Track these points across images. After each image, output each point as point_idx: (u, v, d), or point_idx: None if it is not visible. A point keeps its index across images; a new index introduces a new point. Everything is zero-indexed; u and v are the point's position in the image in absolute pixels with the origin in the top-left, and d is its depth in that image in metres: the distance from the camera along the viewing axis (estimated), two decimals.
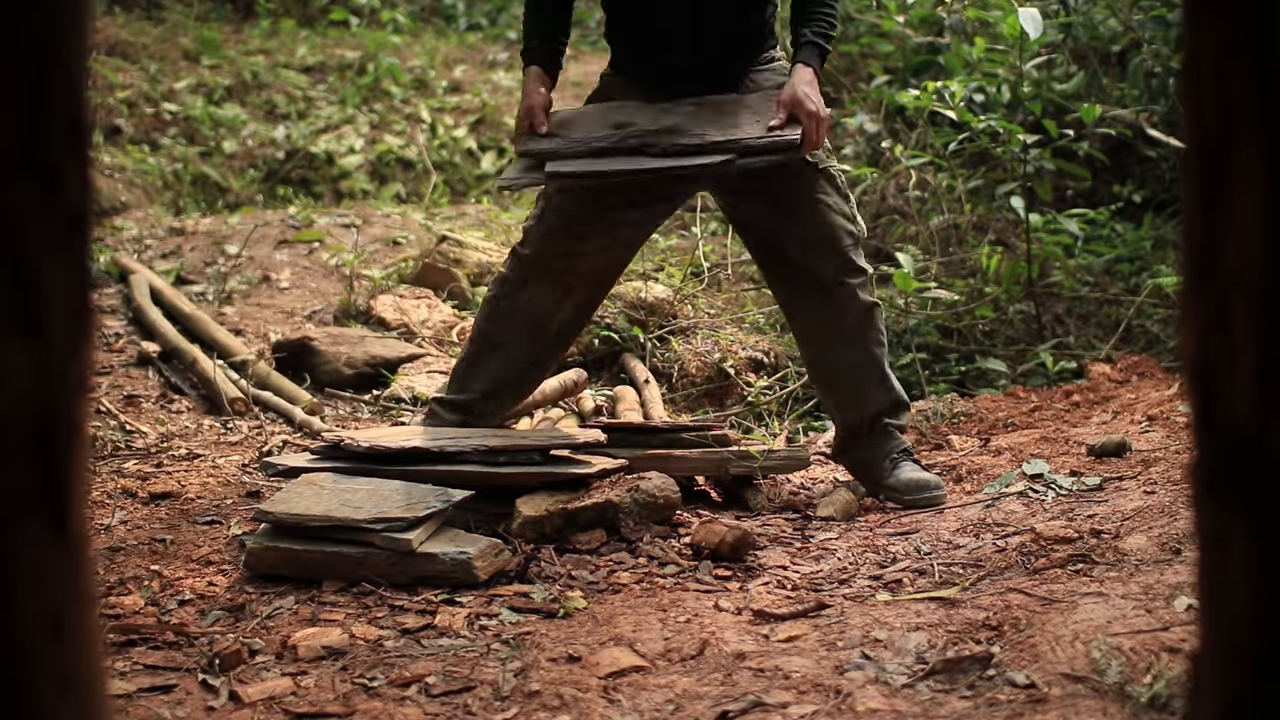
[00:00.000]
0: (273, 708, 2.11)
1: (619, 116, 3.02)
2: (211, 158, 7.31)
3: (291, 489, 2.80)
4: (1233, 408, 1.09)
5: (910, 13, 5.40)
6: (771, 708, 2.03)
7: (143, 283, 4.86)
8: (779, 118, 2.96)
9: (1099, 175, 5.90)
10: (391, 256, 5.45)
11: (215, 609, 2.54)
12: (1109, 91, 5.68)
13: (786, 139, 2.92)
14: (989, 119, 4.79)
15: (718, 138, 2.90)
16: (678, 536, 2.90)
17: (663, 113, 3.02)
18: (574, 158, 2.92)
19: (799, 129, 2.95)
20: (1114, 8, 5.55)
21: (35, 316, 1.02)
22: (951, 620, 2.35)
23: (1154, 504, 2.94)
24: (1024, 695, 2.01)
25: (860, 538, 2.98)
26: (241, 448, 3.67)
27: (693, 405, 4.31)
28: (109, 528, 2.95)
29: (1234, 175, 1.08)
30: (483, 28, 9.37)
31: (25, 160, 1.01)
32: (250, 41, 8.53)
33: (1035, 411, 4.09)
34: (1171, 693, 1.91)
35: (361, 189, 7.22)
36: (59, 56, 1.03)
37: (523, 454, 2.96)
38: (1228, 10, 1.08)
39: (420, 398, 4.13)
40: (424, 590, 2.61)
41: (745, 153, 2.90)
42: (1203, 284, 1.12)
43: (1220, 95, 1.08)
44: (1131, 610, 2.25)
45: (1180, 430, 3.51)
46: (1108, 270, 5.37)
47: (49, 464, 1.03)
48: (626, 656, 2.23)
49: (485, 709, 2.09)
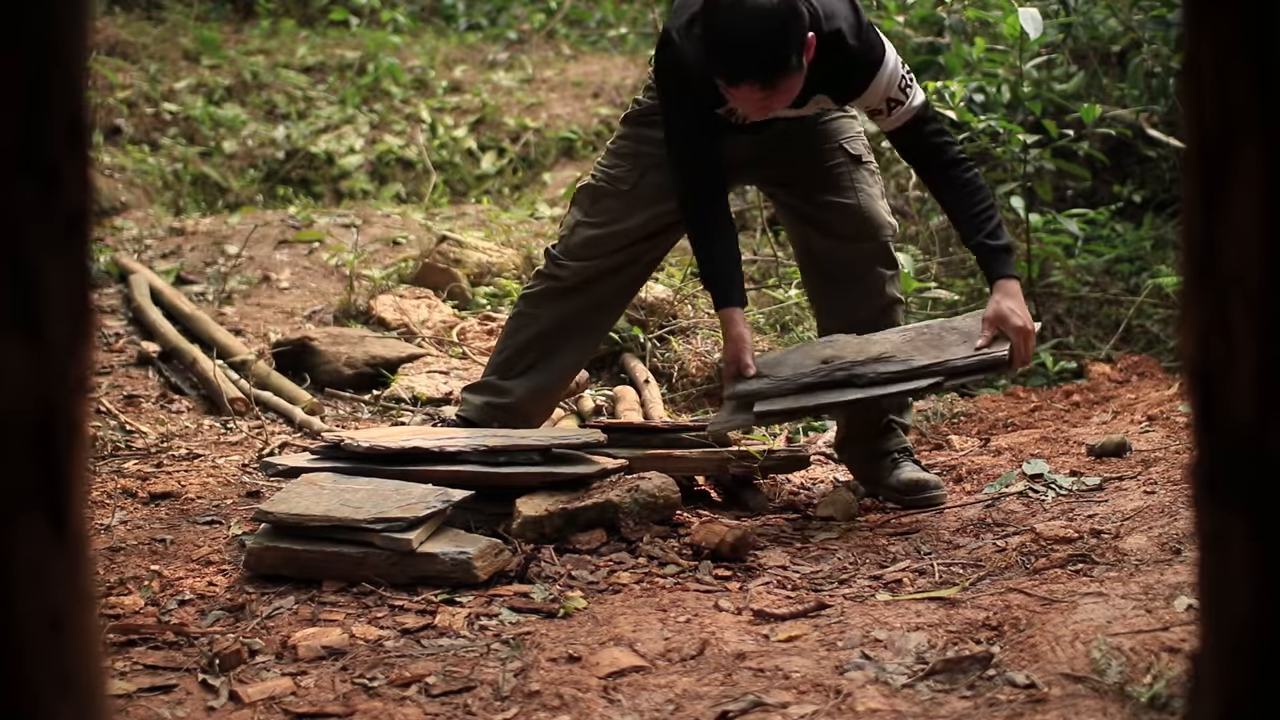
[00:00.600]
0: (273, 708, 2.11)
1: (826, 351, 3.07)
2: (211, 158, 7.31)
3: (291, 489, 2.80)
4: (1233, 408, 1.09)
5: (910, 13, 5.40)
6: (771, 708, 2.03)
7: (143, 283, 4.86)
8: (985, 336, 2.95)
9: (1099, 175, 5.91)
10: (391, 256, 5.45)
11: (215, 609, 2.54)
12: (1109, 91, 5.68)
13: (995, 356, 2.90)
14: (989, 119, 4.79)
15: (924, 362, 2.91)
16: (678, 536, 2.90)
17: (869, 343, 3.07)
18: (781, 395, 2.94)
19: (1007, 345, 2.93)
20: (1114, 8, 5.55)
21: (35, 316, 1.02)
22: (951, 620, 2.35)
23: (1154, 504, 2.94)
24: (1024, 695, 2.01)
25: (860, 538, 2.98)
26: (241, 448, 3.67)
27: (693, 405, 4.31)
28: (109, 528, 2.95)
29: (1234, 175, 1.08)
30: (483, 28, 9.37)
31: (25, 160, 1.01)
32: (250, 41, 8.53)
33: (1035, 411, 4.09)
34: (1171, 693, 1.91)
35: (361, 189, 7.22)
36: (58, 56, 1.03)
37: (523, 454, 2.96)
38: (1228, 10, 1.08)
39: (420, 398, 4.13)
40: (424, 590, 2.60)
41: (953, 374, 2.91)
42: (1203, 284, 1.12)
43: (1220, 95, 1.08)
44: (1131, 610, 2.25)
45: (1180, 430, 3.51)
46: (1108, 270, 5.38)
47: (48, 463, 1.03)
48: (626, 656, 2.23)
49: (485, 709, 2.09)
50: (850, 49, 2.94)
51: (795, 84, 2.84)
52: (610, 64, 8.38)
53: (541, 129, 7.64)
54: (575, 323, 3.30)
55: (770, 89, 2.80)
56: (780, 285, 5.01)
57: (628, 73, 8.12)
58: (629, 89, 7.86)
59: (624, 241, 3.24)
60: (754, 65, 2.76)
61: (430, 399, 4.12)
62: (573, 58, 8.59)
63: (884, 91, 2.99)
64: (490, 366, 3.40)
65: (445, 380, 4.23)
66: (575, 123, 7.65)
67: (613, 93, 7.92)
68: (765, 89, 2.79)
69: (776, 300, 4.86)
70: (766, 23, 2.74)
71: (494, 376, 3.35)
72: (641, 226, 3.23)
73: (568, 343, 3.31)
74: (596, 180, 3.28)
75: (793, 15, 2.77)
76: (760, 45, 2.74)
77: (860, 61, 2.96)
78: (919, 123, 3.04)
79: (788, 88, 2.83)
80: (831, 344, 3.11)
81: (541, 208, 6.47)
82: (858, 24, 2.97)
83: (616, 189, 3.24)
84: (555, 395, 3.46)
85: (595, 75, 8.18)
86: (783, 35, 2.75)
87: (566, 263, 3.27)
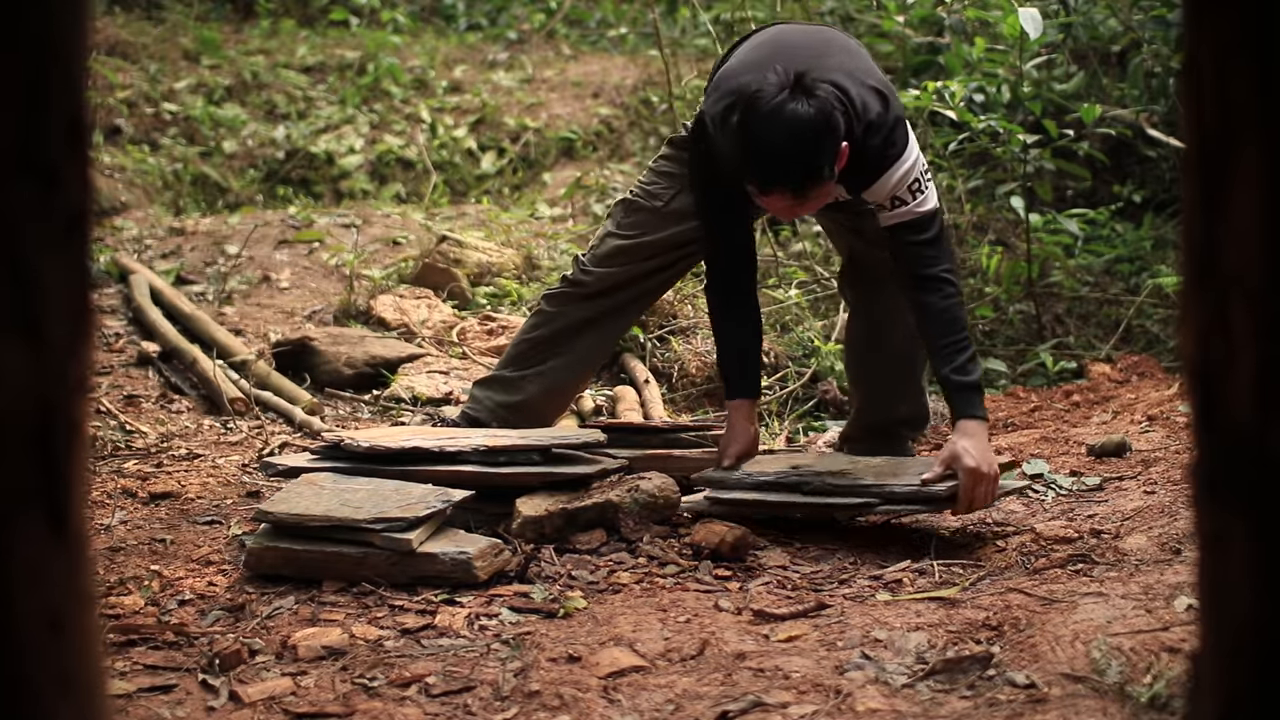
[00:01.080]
0: (273, 708, 2.11)
1: (802, 460, 3.14)
2: (211, 158, 7.31)
3: (291, 489, 2.80)
4: (1233, 408, 1.09)
5: (910, 13, 5.40)
6: (771, 708, 2.03)
7: (143, 283, 4.86)
8: (935, 471, 2.89)
9: (1099, 175, 5.91)
10: (391, 256, 5.45)
11: (215, 609, 2.54)
12: (1109, 91, 5.68)
13: (930, 492, 2.86)
14: (989, 119, 4.79)
15: (869, 482, 2.92)
16: (678, 536, 2.90)
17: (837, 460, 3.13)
18: (739, 489, 2.98)
19: (952, 484, 2.85)
20: (1114, 8, 5.55)
21: (35, 316, 1.02)
22: (951, 620, 2.35)
23: (1154, 504, 2.94)
24: (1024, 695, 2.01)
25: (860, 538, 2.98)
26: (241, 448, 3.67)
27: (693, 405, 4.31)
28: (109, 528, 2.95)
29: (1234, 175, 1.08)
30: (483, 28, 9.37)
31: (25, 160, 1.01)
32: (250, 41, 8.52)
33: (1035, 411, 4.09)
34: (1171, 693, 1.91)
35: (361, 189, 7.22)
36: (58, 56, 1.03)
37: (523, 454, 2.96)
38: (1228, 10, 1.08)
39: (420, 398, 4.13)
40: (424, 590, 2.60)
41: (888, 499, 2.90)
42: (1203, 284, 1.12)
43: (1220, 95, 1.08)
44: (1131, 610, 2.25)
45: (1180, 430, 3.51)
46: (1108, 270, 5.38)
47: (48, 462, 1.03)
48: (626, 656, 2.23)
49: (485, 709, 2.09)
50: (870, 145, 2.91)
51: (826, 192, 2.85)
52: (610, 64, 8.37)
53: (541, 129, 7.64)
54: (592, 326, 3.33)
55: (801, 198, 2.80)
56: (780, 285, 5.01)
57: (628, 73, 8.12)
58: (629, 89, 7.86)
59: (649, 253, 3.27)
60: (786, 177, 2.75)
61: (430, 399, 4.12)
62: (573, 58, 8.59)
63: (892, 189, 2.94)
64: (503, 361, 3.43)
65: (445, 380, 4.23)
66: (575, 123, 7.65)
67: (613, 93, 7.92)
68: (796, 198, 2.80)
69: (777, 300, 4.86)
70: (802, 134, 2.71)
71: (506, 370, 3.37)
72: (667, 240, 3.25)
73: (583, 344, 3.33)
74: (634, 195, 3.32)
75: (828, 127, 2.74)
76: (794, 157, 2.72)
77: (877, 157, 2.92)
78: (916, 228, 2.97)
79: (818, 196, 2.83)
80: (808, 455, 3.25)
81: (541, 208, 6.47)
82: (885, 119, 2.92)
83: (651, 205, 3.27)
84: (567, 395, 3.47)
85: (595, 75, 8.18)
86: (817, 148, 2.73)
87: (592, 269, 3.30)
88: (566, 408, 3.62)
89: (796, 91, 2.73)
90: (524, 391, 3.34)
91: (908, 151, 2.95)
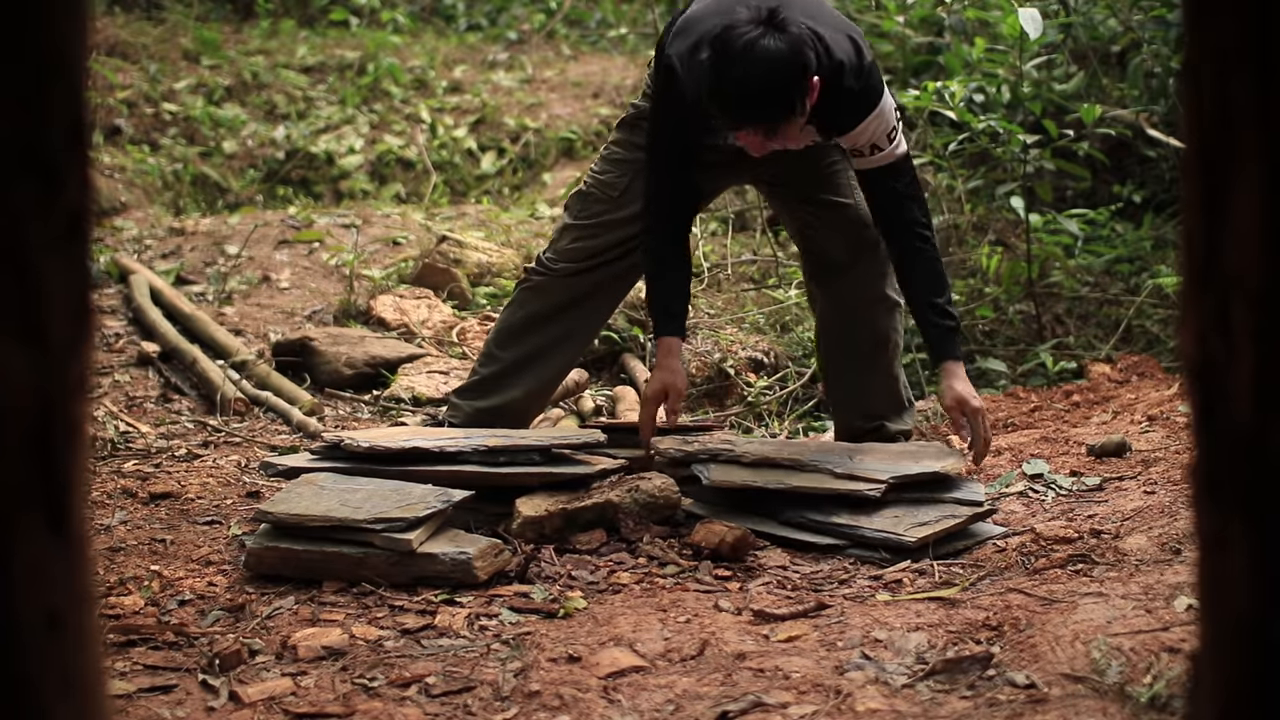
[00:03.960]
0: (273, 708, 2.11)
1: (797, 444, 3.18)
2: (211, 158, 7.31)
3: (291, 489, 2.80)
4: (1232, 408, 1.09)
5: (910, 13, 5.40)
6: (771, 708, 2.03)
7: (143, 283, 4.86)
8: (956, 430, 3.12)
9: (1099, 175, 5.90)
10: (391, 256, 5.45)
11: (215, 609, 2.54)
12: (1109, 91, 5.68)
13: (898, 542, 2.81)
14: (989, 119, 4.79)
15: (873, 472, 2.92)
16: (678, 536, 2.90)
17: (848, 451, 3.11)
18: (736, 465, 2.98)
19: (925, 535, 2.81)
20: (1114, 8, 5.55)
21: (35, 317, 1.02)
22: (951, 620, 2.35)
23: (1154, 504, 2.94)
24: (1024, 695, 2.01)
25: None
26: (241, 448, 3.67)
27: (693, 405, 4.31)
28: (109, 528, 2.95)
29: (1234, 176, 1.08)
30: (483, 28, 9.36)
31: (25, 160, 1.01)
32: (250, 41, 8.52)
33: (1035, 411, 4.09)
34: (1171, 693, 1.91)
35: (361, 189, 7.21)
36: (58, 56, 1.03)
37: (523, 454, 2.96)
38: (1227, 11, 1.08)
39: (420, 398, 4.13)
40: (424, 590, 2.61)
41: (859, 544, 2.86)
42: (1203, 284, 1.12)
43: (1220, 95, 1.08)
44: (1131, 610, 2.25)
45: (1180, 430, 3.51)
46: (1108, 270, 5.37)
47: (48, 462, 1.03)
48: (626, 657, 2.23)
49: (485, 709, 2.09)
50: (847, 89, 2.93)
51: (797, 128, 2.87)
52: (610, 64, 8.37)
53: (541, 129, 7.63)
54: (561, 320, 3.32)
55: (772, 133, 2.83)
56: (780, 285, 5.01)
57: (628, 73, 8.11)
58: (629, 89, 7.85)
59: (609, 243, 3.27)
60: (760, 112, 2.78)
61: (430, 399, 4.12)
62: (573, 58, 8.59)
63: (871, 135, 2.98)
64: (477, 362, 3.44)
65: (445, 380, 4.23)
66: (575, 123, 7.65)
67: (613, 93, 7.91)
68: (767, 133, 2.83)
69: (776, 300, 4.86)
70: (775, 70, 2.74)
71: (480, 373, 3.38)
72: (624, 221, 3.24)
73: (554, 339, 3.33)
74: (588, 186, 3.33)
75: (800, 63, 2.77)
76: (767, 92, 2.75)
77: (855, 102, 2.96)
78: (894, 172, 3.03)
79: (789, 131, 2.86)
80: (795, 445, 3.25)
81: (541, 208, 6.47)
82: (859, 63, 2.95)
83: (606, 194, 3.28)
84: (546, 392, 3.46)
85: (595, 75, 8.18)
86: (789, 83, 2.76)
87: (553, 263, 3.31)
88: (546, 403, 3.61)
89: (769, 27, 2.75)
90: (501, 396, 3.33)
91: (884, 96, 3.00)
